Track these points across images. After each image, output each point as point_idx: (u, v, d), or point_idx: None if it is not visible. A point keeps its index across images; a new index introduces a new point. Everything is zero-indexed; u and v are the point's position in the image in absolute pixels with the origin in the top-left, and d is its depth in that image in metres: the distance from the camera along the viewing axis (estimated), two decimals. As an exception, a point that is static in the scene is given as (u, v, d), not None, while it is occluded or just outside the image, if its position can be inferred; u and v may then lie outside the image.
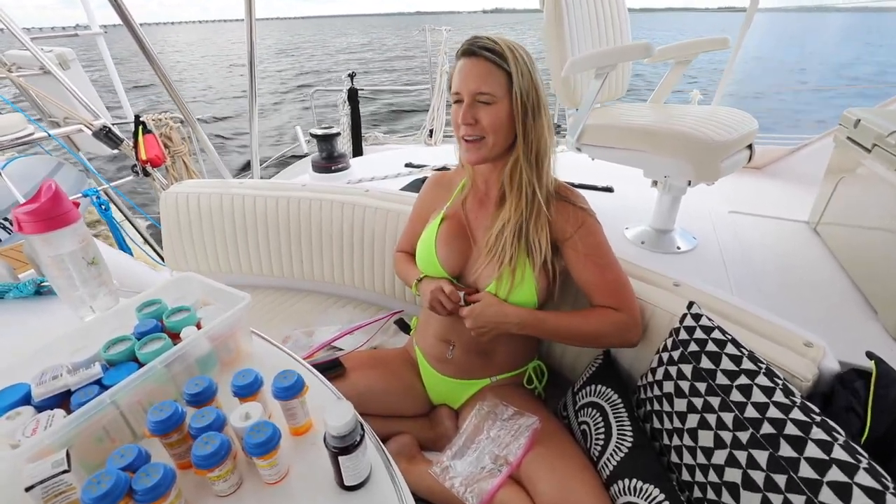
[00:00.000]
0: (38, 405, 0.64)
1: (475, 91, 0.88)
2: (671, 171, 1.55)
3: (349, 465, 0.58)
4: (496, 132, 0.90)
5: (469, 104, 0.89)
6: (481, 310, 0.95)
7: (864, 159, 1.50)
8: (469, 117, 0.89)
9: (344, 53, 30.62)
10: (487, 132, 0.90)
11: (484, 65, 0.87)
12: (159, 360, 0.68)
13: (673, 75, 1.87)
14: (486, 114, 0.89)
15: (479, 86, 0.87)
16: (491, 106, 0.88)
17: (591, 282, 0.97)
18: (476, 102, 0.89)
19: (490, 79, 0.87)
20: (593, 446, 0.91)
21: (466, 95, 0.89)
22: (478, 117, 0.89)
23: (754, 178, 2.53)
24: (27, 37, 2.26)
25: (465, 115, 0.89)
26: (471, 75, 0.88)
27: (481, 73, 0.87)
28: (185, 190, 1.61)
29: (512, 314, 0.95)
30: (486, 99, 0.88)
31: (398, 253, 1.24)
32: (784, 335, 0.86)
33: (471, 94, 0.88)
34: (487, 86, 0.87)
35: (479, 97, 0.88)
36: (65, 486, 0.54)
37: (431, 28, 3.90)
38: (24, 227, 0.80)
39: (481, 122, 0.89)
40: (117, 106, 3.26)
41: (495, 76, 0.87)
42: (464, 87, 0.89)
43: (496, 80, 0.87)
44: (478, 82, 0.87)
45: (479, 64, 0.87)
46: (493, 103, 0.88)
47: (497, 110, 0.89)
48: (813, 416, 0.65)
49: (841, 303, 1.47)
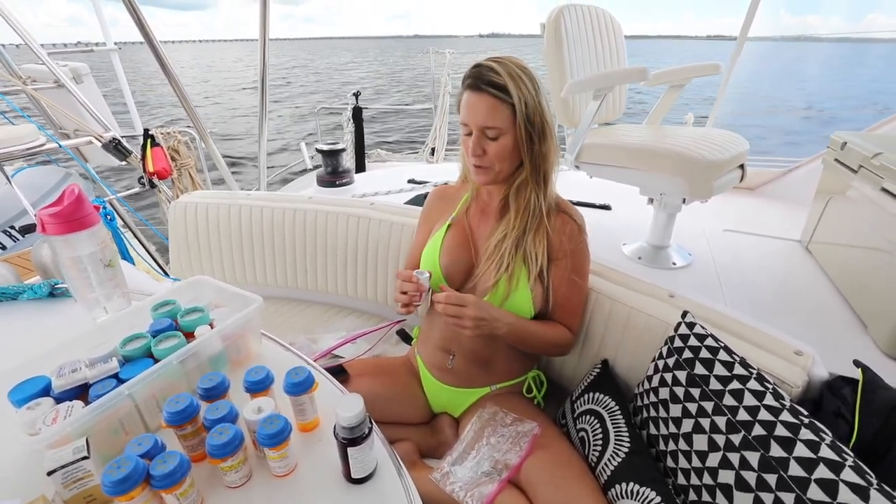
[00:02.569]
0: (58, 397, 0.66)
1: (481, 126, 0.93)
2: (667, 188, 1.61)
3: (357, 457, 0.60)
4: (502, 161, 0.96)
5: (477, 137, 0.94)
6: (475, 300, 0.94)
7: (851, 180, 1.56)
8: (478, 149, 0.94)
9: (342, 72, 31.07)
10: (494, 161, 0.95)
11: (488, 100, 0.91)
12: (174, 356, 0.71)
13: (668, 98, 1.94)
14: (492, 147, 0.94)
15: (485, 121, 0.92)
16: (497, 140, 0.93)
17: (561, 300, 1.03)
18: (483, 135, 0.94)
19: (495, 114, 0.91)
20: (591, 452, 0.93)
21: (474, 128, 0.94)
22: (485, 149, 0.94)
23: (748, 199, 2.60)
24: (44, 52, 2.33)
25: (474, 148, 0.94)
26: (476, 110, 0.92)
27: (486, 109, 0.91)
28: (194, 200, 1.65)
29: (503, 316, 0.98)
30: (492, 134, 0.93)
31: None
32: (775, 344, 0.89)
33: (478, 127, 0.93)
34: (492, 121, 0.91)
35: (486, 131, 0.93)
36: (83, 473, 0.57)
37: (436, 51, 4.01)
38: (47, 228, 0.83)
39: (489, 154, 0.94)
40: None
41: (499, 110, 0.91)
42: (471, 120, 0.93)
43: (500, 115, 0.91)
44: (483, 118, 0.92)
45: (483, 100, 0.91)
46: (499, 137, 0.93)
47: (503, 143, 0.94)
48: (801, 418, 0.68)
49: (832, 317, 1.50)
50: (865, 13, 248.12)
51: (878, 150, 1.43)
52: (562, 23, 1.71)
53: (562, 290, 1.02)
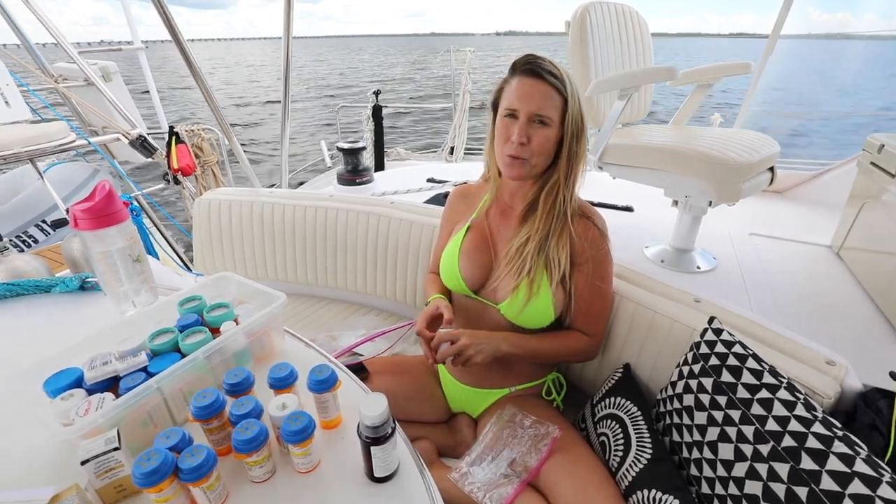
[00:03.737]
0: (89, 388, 0.68)
1: (535, 111, 0.90)
2: (692, 190, 1.57)
3: (380, 456, 0.60)
4: (542, 154, 0.94)
5: (525, 123, 0.91)
6: (472, 333, 0.97)
7: (888, 184, 1.50)
8: (524, 136, 0.91)
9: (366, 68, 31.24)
10: (535, 153, 0.93)
11: (545, 87, 0.89)
12: (201, 351, 0.72)
13: (694, 98, 1.90)
14: (539, 135, 0.91)
15: (541, 107, 0.90)
16: (545, 128, 0.91)
17: (581, 306, 1.02)
18: (530, 122, 0.91)
19: (550, 102, 0.90)
20: (612, 457, 0.92)
21: (524, 114, 0.91)
22: (530, 136, 0.92)
23: (776, 202, 2.53)
24: (75, 51, 2.40)
25: (520, 134, 0.91)
26: (532, 95, 0.90)
27: (542, 95, 0.89)
28: (218, 197, 1.68)
29: (502, 336, 0.99)
30: (543, 120, 0.91)
31: (429, 275, 1.26)
32: (806, 353, 0.86)
33: (529, 113, 0.90)
34: (547, 108, 0.90)
35: (536, 119, 0.91)
36: (114, 463, 0.58)
37: (456, 49, 4.00)
38: (79, 224, 0.85)
39: (532, 143, 0.92)
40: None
41: (555, 100, 0.90)
42: (523, 106, 0.90)
43: (554, 105, 0.90)
44: (539, 103, 0.90)
45: (541, 86, 0.89)
46: (548, 126, 0.91)
47: (549, 133, 0.92)
48: (835, 431, 0.66)
49: (865, 326, 1.45)
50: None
51: None
52: (587, 20, 1.69)
53: (584, 296, 1.01)
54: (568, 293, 1.01)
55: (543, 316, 1.00)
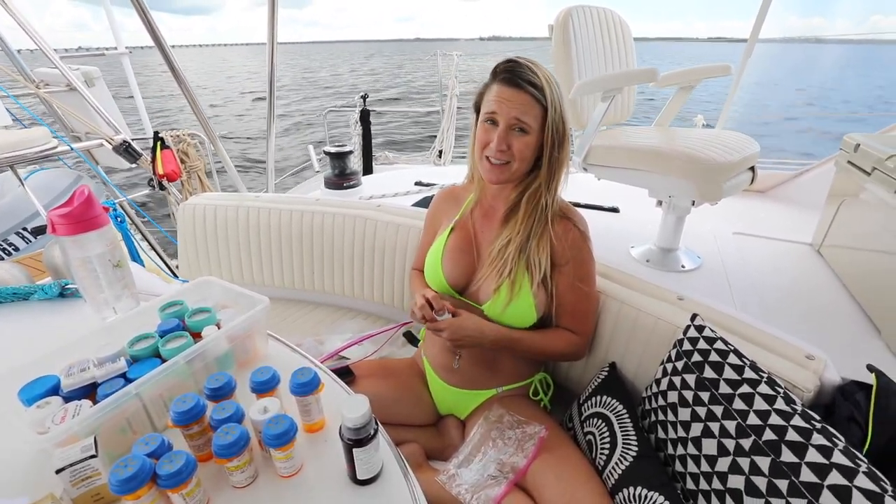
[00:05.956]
0: (66, 396, 0.67)
1: (513, 119, 0.91)
2: (675, 190, 1.59)
3: (363, 458, 0.60)
4: (523, 160, 0.95)
5: (504, 130, 0.92)
6: (460, 323, 0.97)
7: (864, 182, 1.53)
8: (503, 143, 0.93)
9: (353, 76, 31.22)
10: (515, 159, 0.94)
11: (525, 97, 0.90)
12: (182, 356, 0.71)
13: (677, 100, 1.92)
14: (519, 142, 0.93)
15: (520, 115, 0.91)
16: (525, 136, 0.93)
17: (566, 306, 1.02)
18: (510, 129, 0.93)
19: (529, 110, 0.91)
20: (598, 456, 0.92)
21: (503, 121, 0.92)
22: (510, 143, 0.93)
23: (758, 202, 2.57)
24: (57, 56, 2.37)
25: (499, 142, 0.92)
26: (511, 104, 0.91)
27: (522, 104, 0.90)
28: (203, 202, 1.66)
29: (489, 331, 0.98)
30: (523, 128, 0.92)
31: (413, 271, 1.28)
32: (786, 347, 0.87)
33: (509, 121, 0.92)
34: (526, 117, 0.91)
35: (515, 126, 0.92)
36: (91, 471, 0.57)
37: (443, 53, 4.02)
38: (57, 229, 0.84)
39: (512, 149, 0.93)
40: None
41: (534, 109, 0.91)
42: (502, 113, 0.92)
43: (533, 113, 0.91)
44: (518, 112, 0.91)
45: (520, 95, 0.90)
46: (528, 133, 0.92)
47: (529, 140, 0.93)
48: (814, 423, 0.67)
49: (843, 321, 1.48)
50: (869, 15, 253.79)
51: (892, 151, 1.41)
52: (570, 24, 1.71)
53: (568, 297, 1.01)
54: (550, 294, 1.02)
55: (526, 316, 1.00)
